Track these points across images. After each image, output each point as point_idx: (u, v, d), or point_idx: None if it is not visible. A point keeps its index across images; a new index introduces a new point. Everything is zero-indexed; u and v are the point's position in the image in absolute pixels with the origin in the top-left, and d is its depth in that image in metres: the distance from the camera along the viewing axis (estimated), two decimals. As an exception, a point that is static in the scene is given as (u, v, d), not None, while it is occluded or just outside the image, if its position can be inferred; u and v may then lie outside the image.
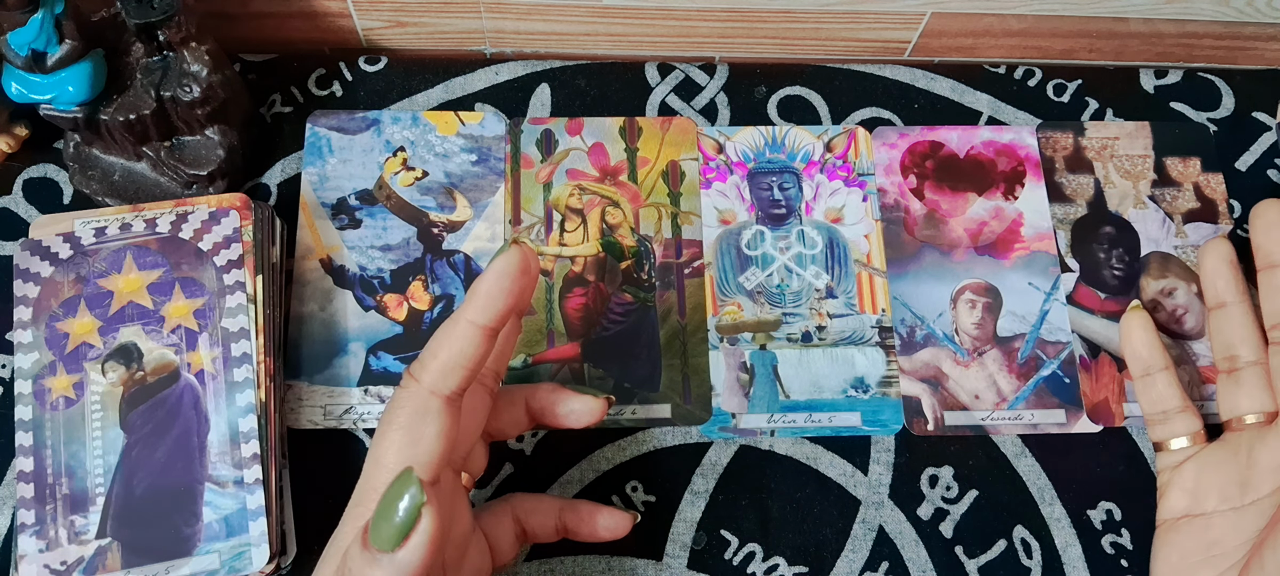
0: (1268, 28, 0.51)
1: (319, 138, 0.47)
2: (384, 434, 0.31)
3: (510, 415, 0.36)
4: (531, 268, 0.31)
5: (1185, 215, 0.47)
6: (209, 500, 0.38)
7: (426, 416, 0.30)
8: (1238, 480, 0.35)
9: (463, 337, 0.30)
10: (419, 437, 0.30)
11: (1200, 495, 0.36)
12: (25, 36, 0.39)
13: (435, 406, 0.30)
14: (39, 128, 0.46)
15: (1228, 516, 0.35)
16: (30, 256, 0.40)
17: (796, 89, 0.50)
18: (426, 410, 0.30)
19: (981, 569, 0.42)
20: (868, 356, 0.44)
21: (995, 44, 0.52)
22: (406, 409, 0.31)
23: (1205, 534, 0.35)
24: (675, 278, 0.45)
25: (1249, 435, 0.36)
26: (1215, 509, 0.35)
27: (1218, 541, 0.35)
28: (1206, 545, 0.35)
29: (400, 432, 0.30)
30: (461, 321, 0.30)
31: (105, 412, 0.39)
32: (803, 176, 0.48)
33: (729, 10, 0.49)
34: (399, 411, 0.31)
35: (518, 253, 0.30)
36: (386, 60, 0.50)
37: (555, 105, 0.49)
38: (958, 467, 0.43)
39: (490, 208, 0.46)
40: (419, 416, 0.30)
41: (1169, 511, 0.37)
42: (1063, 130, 0.49)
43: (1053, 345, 0.45)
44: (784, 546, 0.42)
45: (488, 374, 0.35)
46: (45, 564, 0.37)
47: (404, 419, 0.30)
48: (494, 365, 0.35)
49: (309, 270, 0.44)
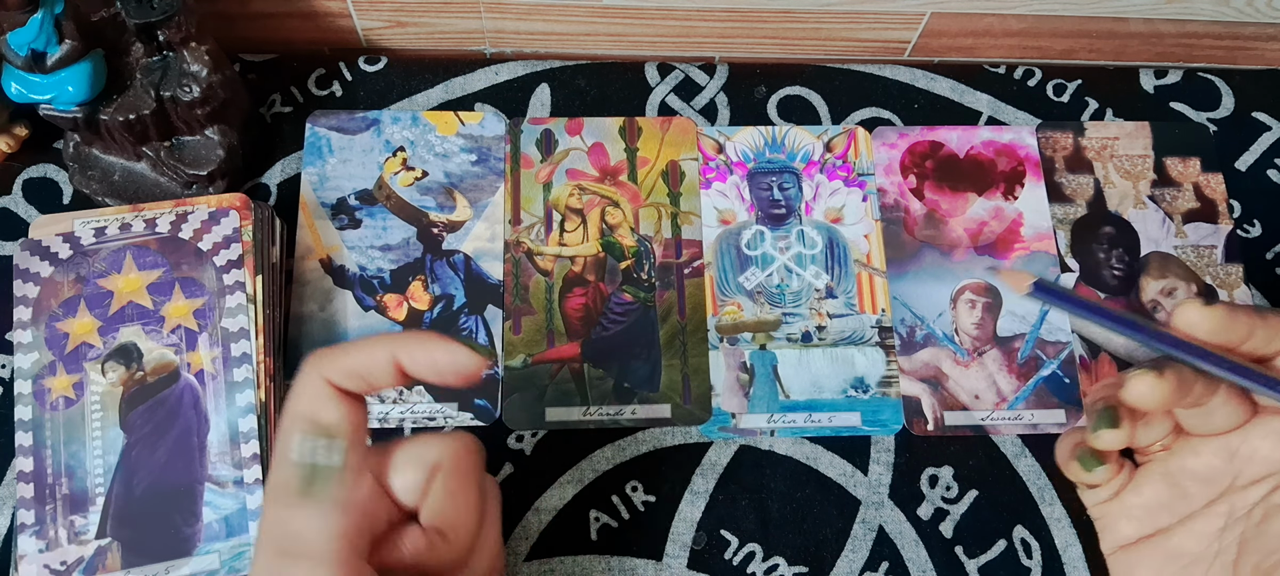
0: (1268, 28, 0.51)
1: (319, 138, 0.47)
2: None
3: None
4: (477, 378, 0.30)
5: (1185, 215, 0.47)
6: (209, 500, 0.38)
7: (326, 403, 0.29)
8: (1178, 493, 0.36)
9: (381, 367, 0.29)
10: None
11: (1147, 516, 0.36)
12: (25, 36, 0.39)
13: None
14: (39, 128, 0.46)
15: (1183, 526, 0.35)
16: (30, 256, 0.40)
17: (796, 89, 0.50)
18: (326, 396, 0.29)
19: (981, 569, 0.42)
20: (868, 356, 0.44)
21: (995, 44, 0.52)
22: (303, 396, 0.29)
23: (1165, 547, 0.35)
24: (675, 277, 0.45)
25: (1167, 455, 0.36)
26: (1169, 523, 0.36)
27: (1180, 550, 0.35)
28: (1171, 557, 0.35)
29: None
30: (385, 349, 0.29)
31: (105, 412, 0.39)
32: (803, 176, 0.48)
33: (729, 10, 0.49)
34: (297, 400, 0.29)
35: (479, 368, 0.29)
36: (386, 60, 0.50)
37: (555, 105, 0.49)
38: (958, 467, 0.43)
39: (490, 208, 0.46)
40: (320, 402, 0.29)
41: (1120, 539, 0.37)
42: (1063, 130, 0.49)
43: (1053, 345, 0.45)
44: (784, 546, 0.42)
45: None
46: (45, 564, 0.37)
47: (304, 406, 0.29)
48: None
49: (309, 270, 0.44)
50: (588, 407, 0.43)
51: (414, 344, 0.29)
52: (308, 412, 0.28)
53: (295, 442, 0.28)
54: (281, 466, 0.28)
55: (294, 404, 0.28)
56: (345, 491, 0.28)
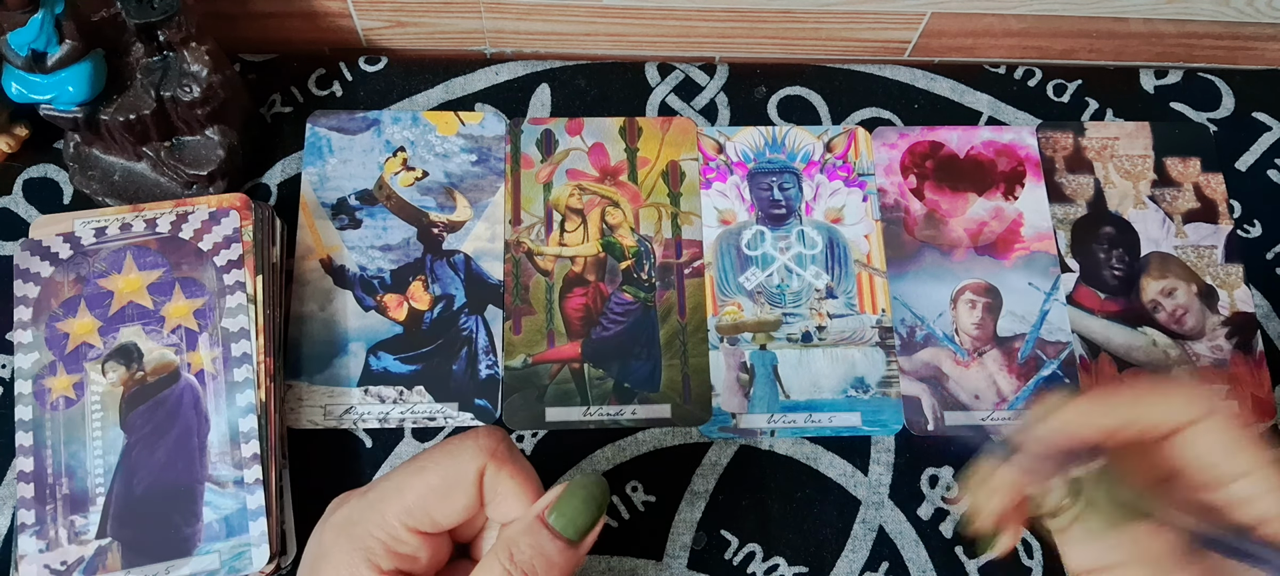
0: (1268, 28, 0.51)
1: (319, 138, 0.47)
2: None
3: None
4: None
5: (1185, 215, 0.47)
6: (209, 500, 0.38)
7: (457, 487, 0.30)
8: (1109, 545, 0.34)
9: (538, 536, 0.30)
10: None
11: (1101, 554, 0.35)
12: (25, 36, 0.39)
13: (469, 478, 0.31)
14: (39, 128, 0.46)
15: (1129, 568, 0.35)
16: (30, 256, 0.40)
17: (796, 89, 0.50)
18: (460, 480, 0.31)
19: (981, 569, 0.42)
20: (868, 356, 0.44)
21: (995, 44, 0.52)
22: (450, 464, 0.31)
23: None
24: (675, 278, 0.45)
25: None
26: (1121, 561, 0.35)
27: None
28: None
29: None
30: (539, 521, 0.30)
31: (105, 412, 0.39)
32: (803, 176, 0.48)
33: (729, 10, 0.49)
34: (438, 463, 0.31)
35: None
36: (386, 60, 0.50)
37: (555, 105, 0.49)
38: (958, 467, 0.43)
39: (490, 208, 0.46)
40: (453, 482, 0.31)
41: (1078, 566, 0.36)
42: (1063, 130, 0.49)
43: (1053, 345, 0.45)
44: (784, 546, 0.42)
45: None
46: (45, 564, 0.37)
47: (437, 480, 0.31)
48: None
49: (309, 270, 0.44)
50: (588, 407, 0.43)
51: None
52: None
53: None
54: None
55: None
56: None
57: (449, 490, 0.30)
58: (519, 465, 0.31)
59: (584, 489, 0.30)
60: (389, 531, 0.30)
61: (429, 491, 0.30)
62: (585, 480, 0.30)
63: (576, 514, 0.30)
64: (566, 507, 0.30)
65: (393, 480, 0.31)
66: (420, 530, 0.30)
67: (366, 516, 0.30)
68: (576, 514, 0.30)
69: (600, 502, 0.30)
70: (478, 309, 0.44)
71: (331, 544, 0.30)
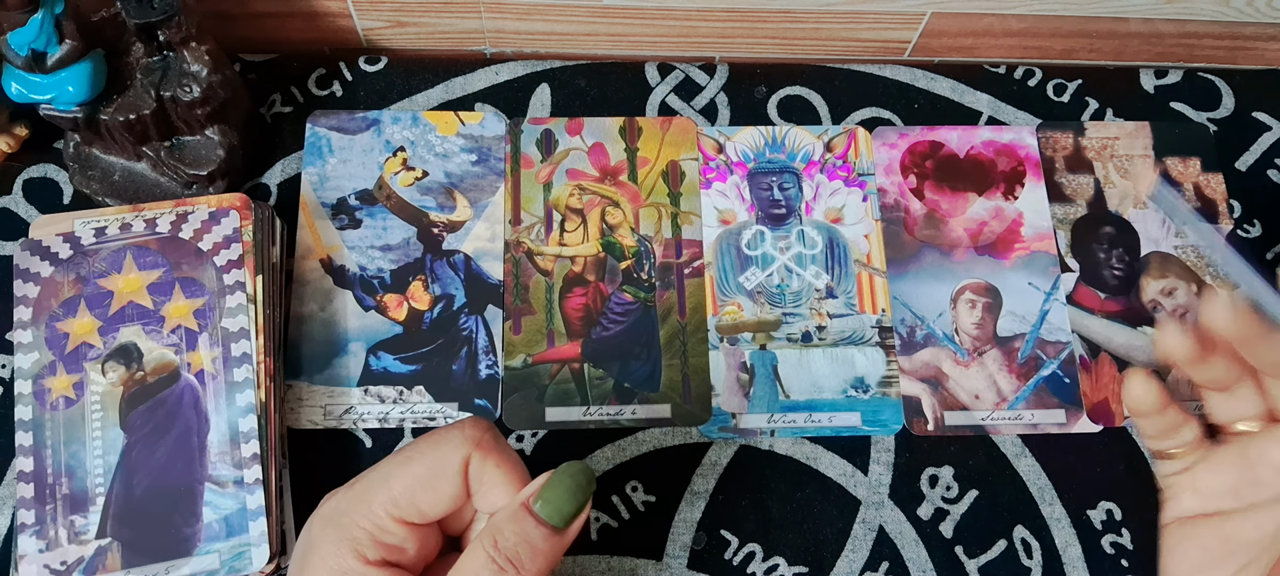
0: (1268, 28, 0.51)
1: (319, 138, 0.47)
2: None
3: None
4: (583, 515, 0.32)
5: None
6: (209, 500, 0.38)
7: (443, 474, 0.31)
8: (1250, 480, 0.35)
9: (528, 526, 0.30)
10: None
11: (1212, 496, 0.36)
12: (25, 36, 0.39)
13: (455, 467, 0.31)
14: (39, 128, 0.46)
15: (1245, 514, 0.35)
16: (30, 256, 0.40)
17: (796, 89, 0.50)
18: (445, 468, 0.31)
19: (981, 569, 0.42)
20: (868, 356, 0.44)
21: (995, 44, 0.52)
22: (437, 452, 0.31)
23: (1222, 530, 0.36)
24: (675, 277, 0.45)
25: (1251, 437, 0.36)
26: (1232, 507, 0.36)
27: (1234, 536, 0.35)
28: (1224, 540, 0.35)
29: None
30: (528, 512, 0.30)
31: (105, 412, 0.39)
32: (803, 176, 0.48)
33: (729, 10, 0.49)
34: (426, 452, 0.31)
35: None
36: (386, 60, 0.50)
37: (555, 105, 0.49)
38: (958, 467, 0.43)
39: (490, 208, 0.46)
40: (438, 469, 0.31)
41: (1181, 511, 0.37)
42: (1063, 130, 0.49)
43: (1053, 345, 0.45)
44: (784, 546, 0.42)
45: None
46: (45, 564, 0.37)
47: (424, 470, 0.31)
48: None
49: (309, 270, 0.44)
50: (588, 407, 0.43)
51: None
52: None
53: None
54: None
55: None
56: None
57: (434, 480, 0.30)
58: (505, 454, 0.31)
59: (569, 476, 0.30)
60: (375, 521, 0.30)
61: (415, 481, 0.30)
62: (570, 467, 0.30)
63: (561, 501, 0.30)
64: (551, 495, 0.30)
65: (379, 471, 0.31)
66: (407, 520, 0.30)
67: (353, 507, 0.30)
68: (561, 501, 0.30)
69: (586, 489, 0.30)
70: (478, 309, 0.44)
71: (319, 535, 0.30)
